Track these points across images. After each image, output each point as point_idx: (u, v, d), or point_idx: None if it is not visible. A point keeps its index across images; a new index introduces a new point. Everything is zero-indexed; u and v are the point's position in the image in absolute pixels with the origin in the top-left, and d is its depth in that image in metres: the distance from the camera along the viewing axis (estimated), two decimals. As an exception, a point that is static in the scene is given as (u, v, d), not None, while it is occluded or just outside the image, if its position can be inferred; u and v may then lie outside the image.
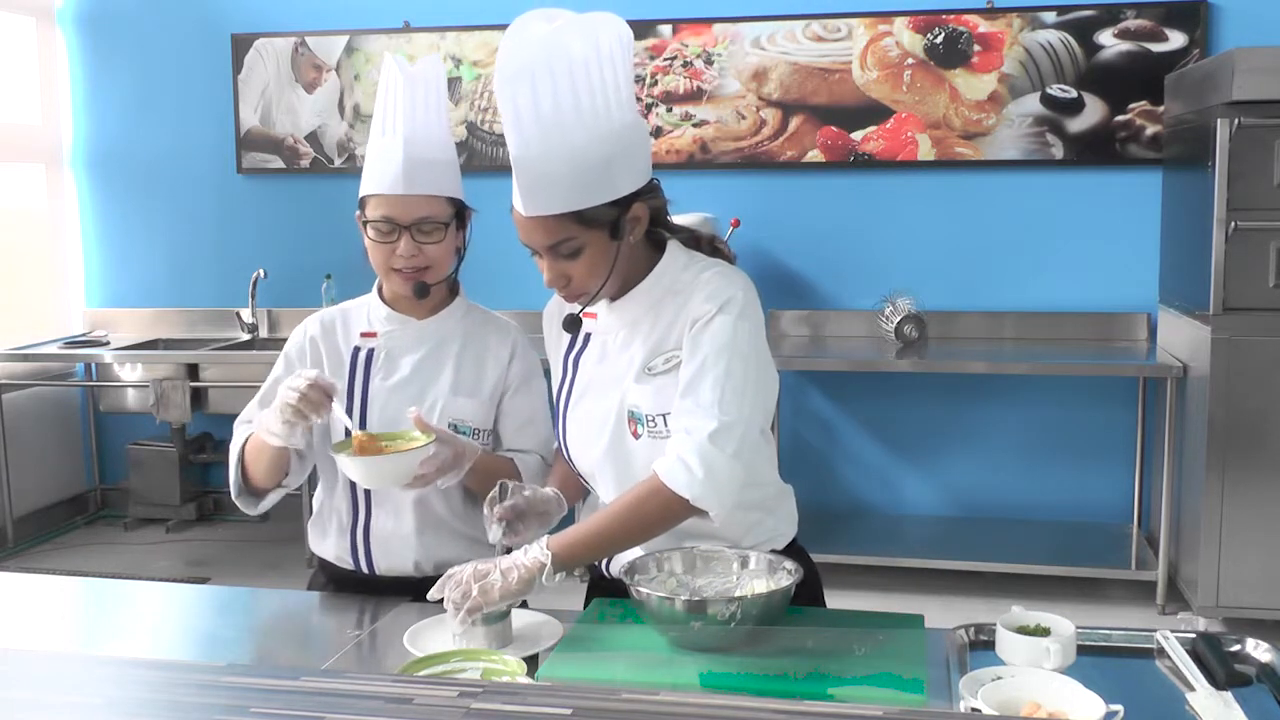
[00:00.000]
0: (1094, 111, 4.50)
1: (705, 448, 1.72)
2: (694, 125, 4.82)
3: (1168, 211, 4.43)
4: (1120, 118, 4.49)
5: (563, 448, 1.99)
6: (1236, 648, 1.67)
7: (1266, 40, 4.17)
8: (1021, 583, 4.27)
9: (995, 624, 1.66)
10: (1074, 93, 4.51)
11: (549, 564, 1.72)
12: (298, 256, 5.17)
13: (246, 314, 5.17)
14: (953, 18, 4.57)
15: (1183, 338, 4.10)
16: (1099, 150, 4.51)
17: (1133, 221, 4.53)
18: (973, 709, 1.44)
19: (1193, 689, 1.55)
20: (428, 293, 2.05)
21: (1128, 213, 4.54)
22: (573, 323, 1.87)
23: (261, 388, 2.12)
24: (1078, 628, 1.63)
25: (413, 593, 2.02)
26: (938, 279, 4.69)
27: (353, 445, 1.88)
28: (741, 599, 1.65)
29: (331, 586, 2.15)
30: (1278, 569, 3.79)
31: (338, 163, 5.16)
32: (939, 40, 4.59)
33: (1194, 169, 4.00)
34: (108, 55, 5.36)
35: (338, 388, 1.91)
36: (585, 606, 1.94)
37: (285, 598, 2.20)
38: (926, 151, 4.64)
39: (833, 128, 4.70)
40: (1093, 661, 1.65)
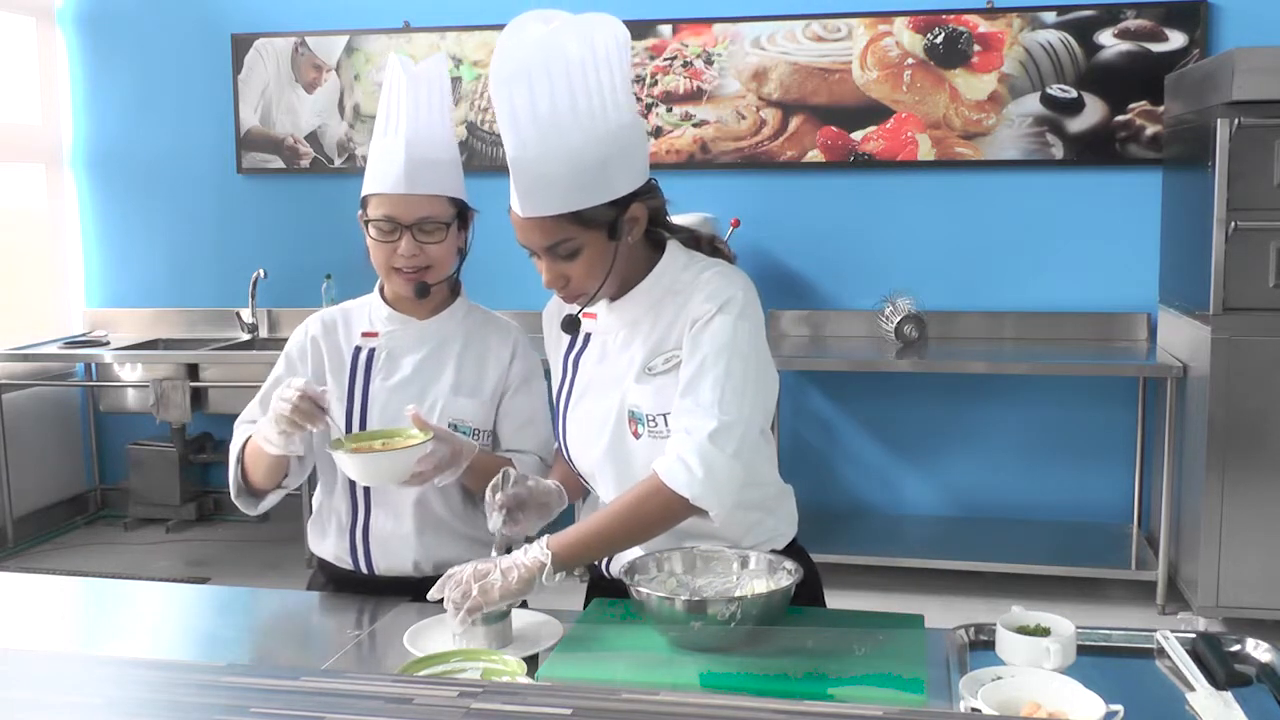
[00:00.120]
0: (1094, 111, 4.50)
1: (705, 447, 1.72)
2: (694, 125, 4.82)
3: (1168, 211, 4.43)
4: (1120, 118, 4.49)
5: (563, 448, 1.99)
6: (1236, 648, 1.67)
7: (1266, 40, 4.17)
8: (1021, 583, 4.27)
9: (995, 624, 1.66)
10: (1074, 93, 4.51)
11: (549, 564, 1.72)
12: (298, 256, 5.18)
13: (246, 314, 5.17)
14: (953, 18, 4.57)
15: (1183, 338, 4.10)
16: (1099, 150, 4.51)
17: (1133, 221, 4.53)
18: (973, 709, 1.45)
19: (1193, 689, 1.55)
20: (429, 292, 2.05)
21: (1128, 213, 4.54)
22: (571, 323, 1.87)
23: (262, 388, 2.13)
24: (1078, 628, 1.63)
25: (412, 593, 2.02)
26: (938, 279, 4.69)
27: (352, 443, 1.88)
28: (741, 599, 1.65)
29: (331, 586, 2.15)
30: (1278, 569, 3.79)
31: (338, 163, 5.16)
32: (939, 40, 4.59)
33: (1194, 169, 4.00)
34: (108, 55, 5.36)
35: (327, 395, 1.89)
36: (585, 606, 1.94)
37: (285, 598, 2.20)
38: (926, 151, 4.64)
39: (833, 128, 4.70)
40: (1093, 661, 1.65)
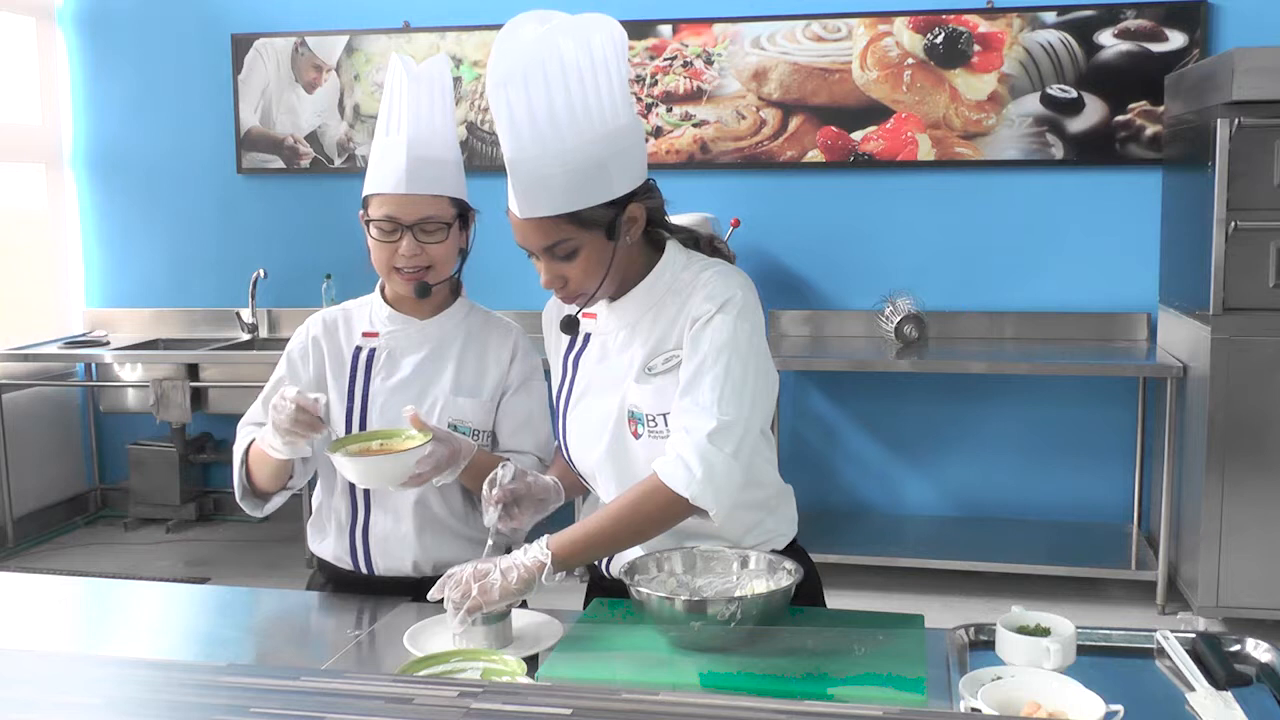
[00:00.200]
0: (1094, 111, 4.50)
1: (704, 447, 1.72)
2: (694, 125, 4.82)
3: (1168, 211, 4.43)
4: (1120, 118, 4.49)
5: (563, 448, 1.98)
6: (1236, 648, 1.67)
7: (1266, 40, 4.17)
8: (1021, 583, 4.27)
9: (995, 624, 1.66)
10: (1074, 93, 4.51)
11: (549, 564, 1.72)
12: (298, 256, 5.18)
13: (246, 314, 5.17)
14: (953, 18, 4.57)
15: (1183, 338, 4.10)
16: (1099, 150, 4.51)
17: (1133, 221, 4.53)
18: (973, 709, 1.44)
19: (1193, 689, 1.55)
20: (429, 293, 2.05)
21: (1128, 213, 4.54)
22: (570, 324, 1.87)
23: (265, 389, 2.13)
24: (1078, 628, 1.63)
25: (412, 593, 2.02)
26: (938, 279, 4.69)
27: (350, 445, 1.88)
28: (741, 599, 1.65)
29: (331, 586, 2.15)
30: (1278, 569, 3.79)
31: (338, 163, 5.16)
32: (939, 40, 4.59)
33: (1194, 169, 4.00)
34: (108, 55, 5.36)
35: (321, 404, 1.86)
36: (585, 606, 1.94)
37: (285, 598, 2.20)
38: (926, 151, 4.64)
39: (833, 128, 4.70)
40: (1093, 661, 1.65)
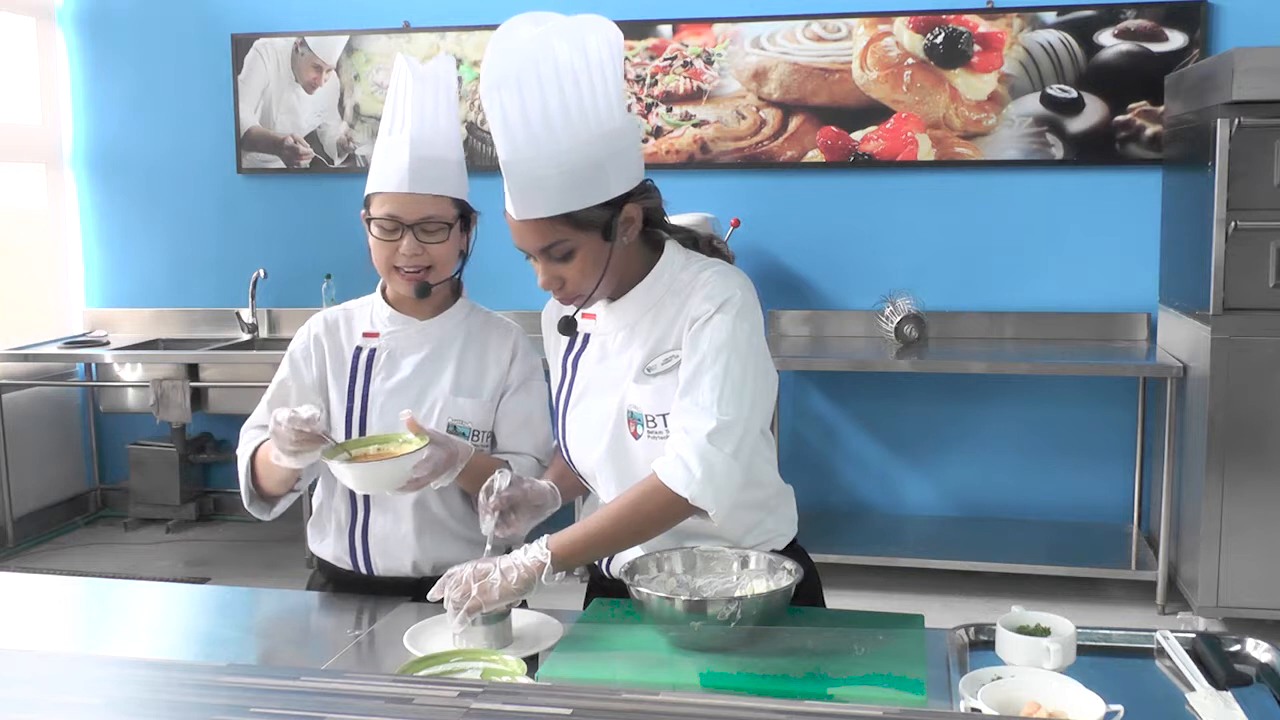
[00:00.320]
0: (1094, 111, 4.50)
1: (704, 447, 1.72)
2: (694, 125, 4.82)
3: (1168, 211, 4.43)
4: (1120, 118, 4.49)
5: (562, 449, 1.98)
6: (1236, 648, 1.67)
7: (1266, 40, 4.17)
8: (1021, 583, 4.27)
9: (995, 624, 1.66)
10: (1074, 93, 4.51)
11: (549, 564, 1.72)
12: (298, 256, 5.18)
13: (246, 314, 5.17)
14: (953, 18, 4.57)
15: (1183, 338, 4.10)
16: (1099, 150, 4.51)
17: (1133, 221, 4.53)
18: (973, 709, 1.44)
19: (1193, 689, 1.55)
20: (429, 292, 2.05)
21: (1128, 213, 4.53)
22: (568, 325, 1.87)
23: (268, 391, 2.12)
24: (1078, 628, 1.63)
25: (411, 593, 2.02)
26: (938, 279, 4.69)
27: (346, 452, 1.87)
28: (741, 599, 1.65)
29: (331, 587, 2.15)
30: (1278, 569, 3.79)
31: (338, 163, 5.16)
32: (939, 40, 4.58)
33: (1194, 169, 4.00)
34: (108, 55, 5.36)
35: (317, 420, 1.84)
36: (585, 606, 1.94)
37: (285, 598, 2.19)
38: (926, 151, 4.64)
39: (833, 128, 4.70)
40: (1093, 661, 1.65)
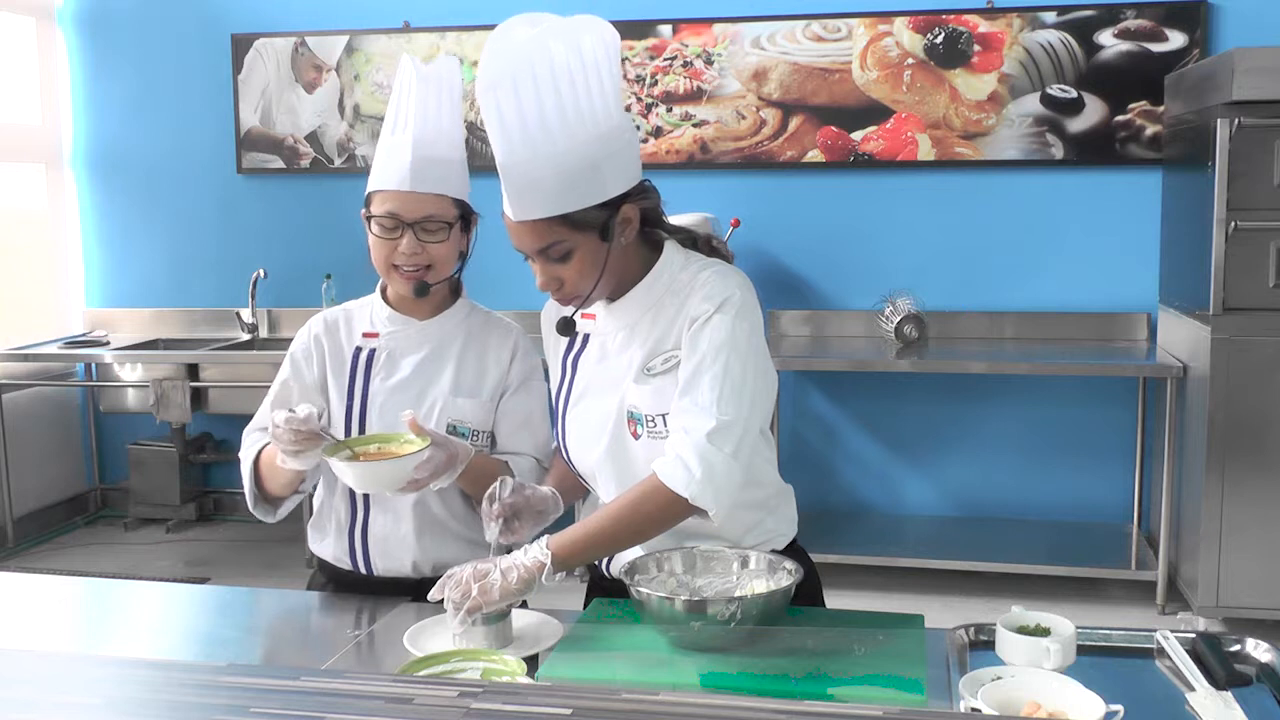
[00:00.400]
0: (1094, 111, 4.50)
1: (704, 447, 1.72)
2: (694, 125, 4.82)
3: (1168, 211, 4.43)
4: (1120, 118, 4.49)
5: (562, 449, 1.98)
6: (1236, 648, 1.67)
7: (1266, 40, 4.17)
8: (1021, 583, 4.27)
9: (995, 624, 1.66)
10: (1074, 93, 4.51)
11: (549, 564, 1.72)
12: (298, 256, 5.17)
13: (246, 314, 5.17)
14: (953, 18, 4.57)
15: (1183, 338, 4.10)
16: (1099, 150, 4.51)
17: (1133, 221, 4.53)
18: (973, 709, 1.44)
19: (1193, 689, 1.55)
20: (428, 292, 2.05)
21: (1128, 213, 4.53)
22: (566, 326, 1.87)
23: (270, 393, 2.12)
24: (1078, 628, 1.63)
25: (411, 593, 2.02)
26: (938, 279, 4.69)
27: (347, 450, 1.87)
28: (741, 599, 1.65)
29: (331, 587, 2.15)
30: (1278, 569, 3.79)
31: (338, 163, 5.16)
32: (939, 40, 4.58)
33: (1194, 169, 3.99)
34: (108, 55, 5.36)
35: (314, 418, 1.84)
36: (585, 606, 1.94)
37: (285, 598, 2.19)
38: (926, 151, 4.64)
39: (833, 128, 4.70)
40: (1093, 661, 1.65)
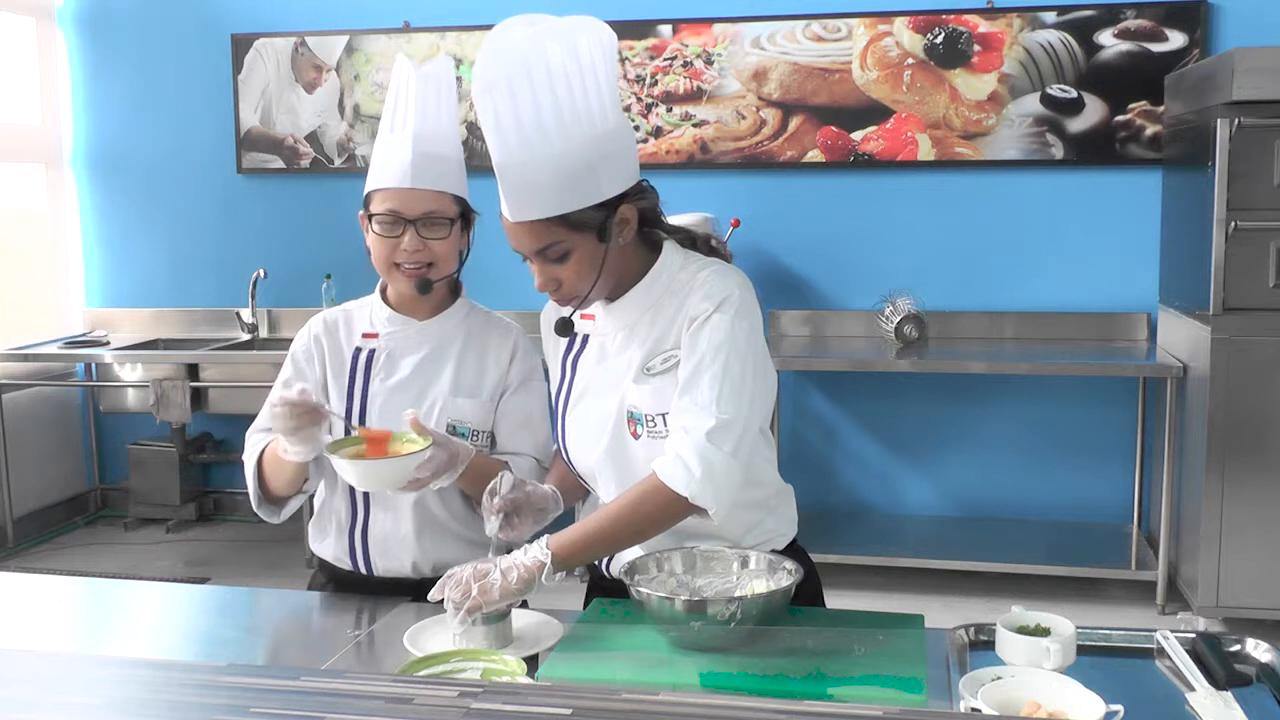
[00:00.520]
0: (1094, 111, 4.50)
1: (703, 446, 1.72)
2: (694, 125, 4.82)
3: (1168, 211, 4.43)
4: (1120, 118, 4.49)
5: (562, 449, 1.98)
6: (1236, 648, 1.67)
7: (1266, 40, 4.17)
8: (1021, 583, 4.27)
9: (995, 624, 1.66)
10: (1074, 93, 4.51)
11: (549, 563, 1.72)
12: (298, 256, 5.17)
13: (246, 314, 5.17)
14: (953, 18, 4.57)
15: (1183, 338, 4.10)
16: (1099, 150, 4.51)
17: (1133, 221, 4.53)
18: (973, 709, 1.44)
19: (1193, 689, 1.55)
20: (430, 289, 2.04)
21: (1128, 213, 4.53)
22: (565, 326, 1.87)
23: (271, 394, 2.11)
24: (1078, 628, 1.63)
25: (411, 594, 2.02)
26: (938, 279, 4.69)
27: (351, 447, 1.87)
28: (741, 599, 1.65)
29: (331, 587, 2.15)
30: (1278, 569, 3.79)
31: (338, 163, 5.16)
32: (939, 40, 4.58)
33: (1194, 169, 3.99)
34: (108, 55, 5.36)
35: (308, 393, 1.84)
36: (585, 606, 1.94)
37: (285, 598, 2.20)
38: (926, 151, 4.64)
39: (833, 128, 4.70)
40: (1093, 661, 1.65)
